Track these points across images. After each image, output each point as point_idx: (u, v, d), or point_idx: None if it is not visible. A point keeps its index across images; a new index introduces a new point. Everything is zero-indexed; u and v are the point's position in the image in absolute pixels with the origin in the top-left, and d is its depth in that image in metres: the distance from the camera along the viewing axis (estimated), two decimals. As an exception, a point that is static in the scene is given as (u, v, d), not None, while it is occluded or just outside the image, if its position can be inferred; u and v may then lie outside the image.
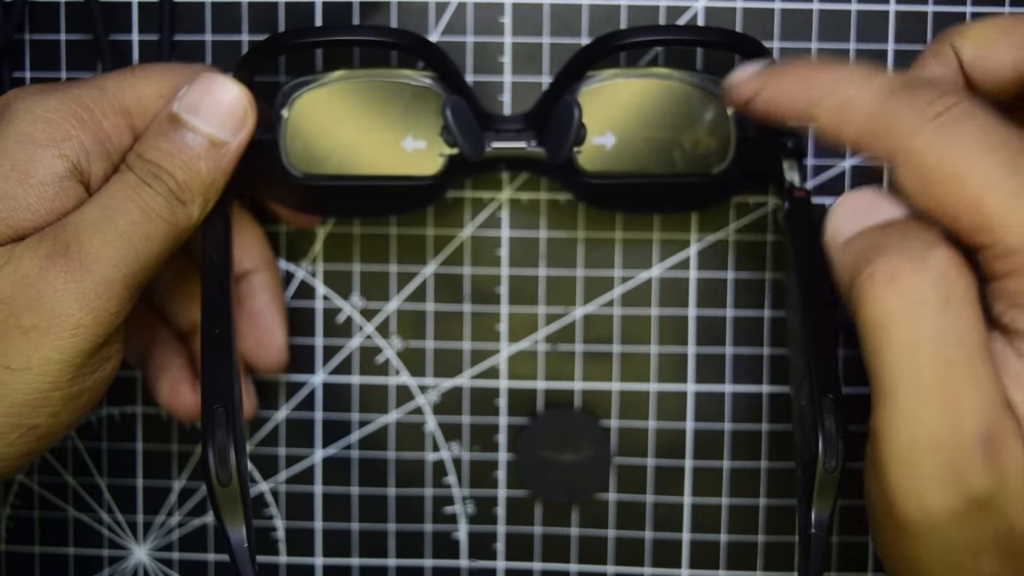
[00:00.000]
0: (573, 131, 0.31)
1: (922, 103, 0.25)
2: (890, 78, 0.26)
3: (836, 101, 0.26)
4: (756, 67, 0.29)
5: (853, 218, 0.26)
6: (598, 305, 0.37)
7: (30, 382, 0.27)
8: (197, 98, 0.29)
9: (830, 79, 0.26)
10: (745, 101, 0.29)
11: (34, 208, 0.28)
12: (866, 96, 0.25)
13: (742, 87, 0.29)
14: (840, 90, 0.26)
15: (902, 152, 0.25)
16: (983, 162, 0.24)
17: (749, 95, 0.28)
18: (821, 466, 0.27)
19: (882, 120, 0.25)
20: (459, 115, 0.31)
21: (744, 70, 0.29)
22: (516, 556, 0.38)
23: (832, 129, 0.26)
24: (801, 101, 0.27)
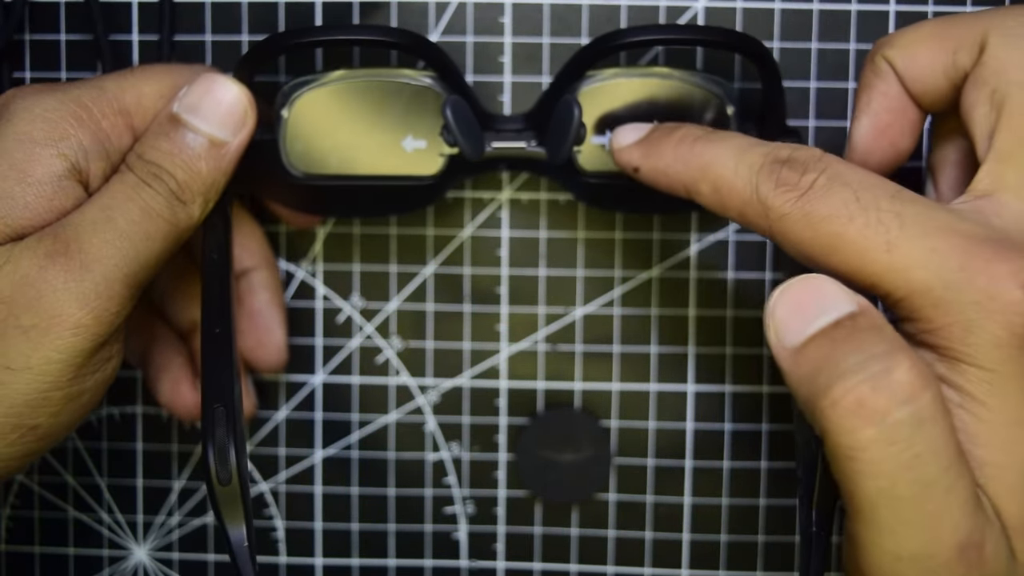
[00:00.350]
0: (573, 131, 0.31)
1: (788, 183, 0.26)
2: (759, 155, 0.27)
3: (711, 184, 0.27)
4: (634, 134, 0.30)
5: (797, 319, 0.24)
6: (598, 305, 0.37)
7: (30, 382, 0.27)
8: (197, 98, 0.29)
9: (703, 160, 0.28)
10: (631, 170, 0.30)
11: (32, 207, 0.28)
12: (738, 179, 0.27)
13: (624, 156, 0.30)
14: (712, 174, 0.27)
15: (779, 234, 0.26)
16: (851, 229, 0.24)
17: (632, 166, 0.30)
18: (822, 466, 0.27)
19: (754, 205, 0.26)
20: (459, 115, 0.31)
21: (623, 136, 0.31)
22: (516, 556, 0.38)
23: (715, 210, 0.28)
24: (678, 183, 0.28)
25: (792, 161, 0.26)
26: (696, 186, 0.28)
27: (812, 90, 0.35)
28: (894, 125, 0.29)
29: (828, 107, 0.35)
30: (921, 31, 0.28)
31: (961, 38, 0.27)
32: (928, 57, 0.28)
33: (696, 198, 0.28)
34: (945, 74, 0.28)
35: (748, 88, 0.35)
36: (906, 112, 0.29)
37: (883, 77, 0.29)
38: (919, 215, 0.24)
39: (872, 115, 0.29)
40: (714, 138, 0.28)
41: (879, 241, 0.24)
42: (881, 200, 0.25)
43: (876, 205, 0.25)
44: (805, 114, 0.35)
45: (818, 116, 0.35)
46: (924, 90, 0.28)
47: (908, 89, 0.29)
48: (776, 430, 0.37)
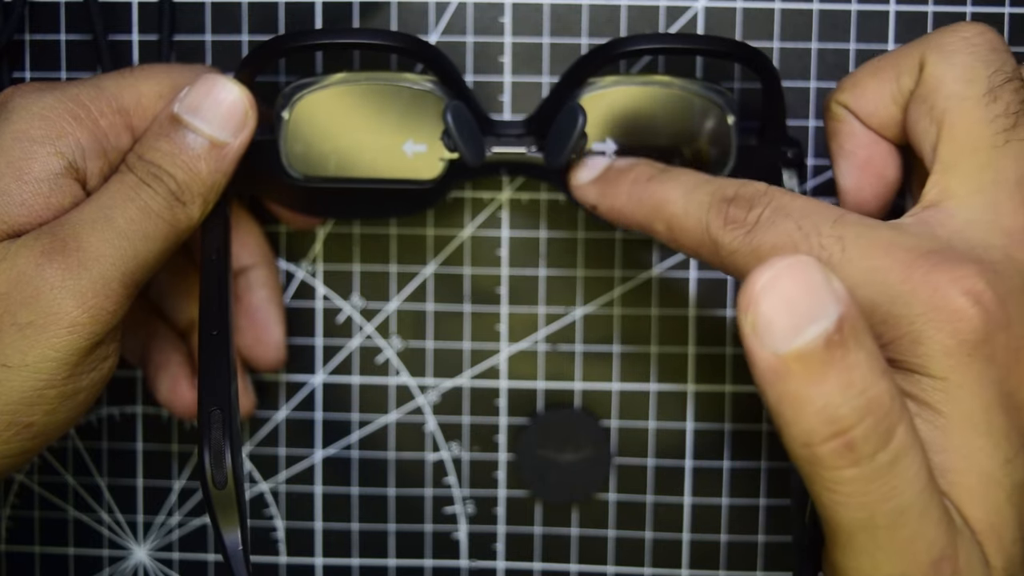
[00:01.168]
0: (575, 139, 0.31)
1: (736, 221, 0.27)
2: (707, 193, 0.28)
3: (665, 224, 0.28)
4: (591, 172, 0.31)
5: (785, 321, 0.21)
6: (598, 305, 0.37)
7: (26, 379, 0.27)
8: (198, 99, 0.30)
9: (654, 200, 0.29)
10: (589, 207, 0.31)
11: (28, 204, 0.28)
12: (689, 219, 0.28)
13: (580, 193, 0.32)
14: (664, 214, 0.28)
15: (732, 269, 0.27)
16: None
17: (590, 204, 0.31)
18: None
19: (706, 243, 0.27)
20: (460, 121, 0.31)
21: (581, 175, 0.32)
22: (516, 556, 0.38)
23: (669, 245, 0.29)
24: (635, 220, 0.30)
25: (738, 198, 0.27)
26: (651, 225, 0.29)
27: (812, 90, 0.35)
28: (873, 159, 0.30)
29: (828, 107, 0.35)
30: (864, 69, 0.30)
31: (901, 64, 0.28)
32: (875, 90, 0.29)
33: (653, 235, 0.29)
34: (894, 101, 0.29)
35: (747, 88, 0.35)
36: (877, 145, 0.30)
37: (843, 120, 0.30)
38: (860, 236, 0.25)
39: (848, 156, 0.30)
40: (665, 178, 0.29)
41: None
42: (822, 226, 0.25)
43: (817, 231, 0.25)
44: (805, 114, 0.35)
45: (818, 116, 0.35)
46: (881, 122, 0.29)
47: (868, 126, 0.30)
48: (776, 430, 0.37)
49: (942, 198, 0.26)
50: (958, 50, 0.27)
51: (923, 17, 0.35)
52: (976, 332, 0.24)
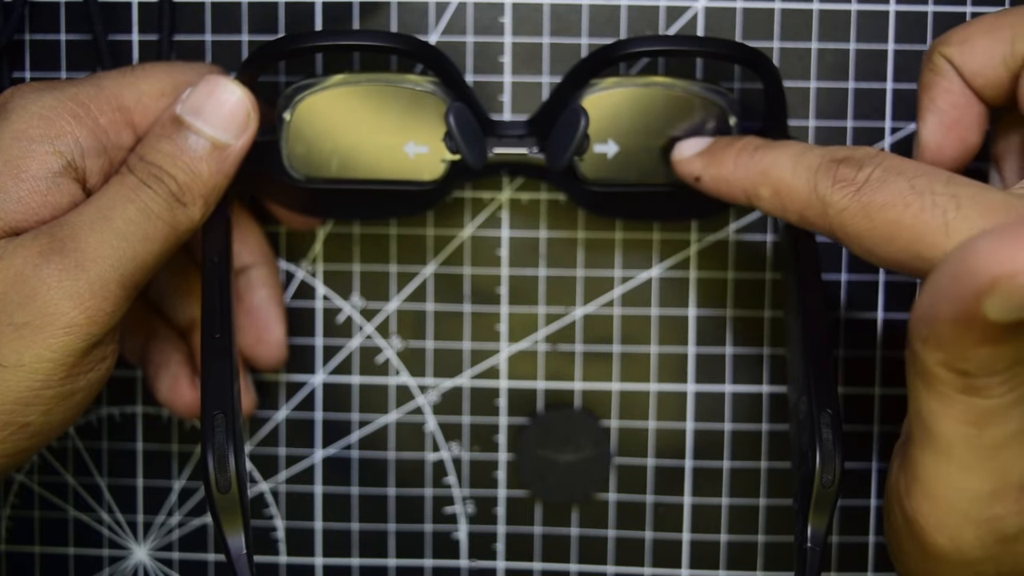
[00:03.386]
0: (576, 140, 0.31)
1: (845, 180, 0.26)
2: (816, 156, 0.27)
3: (771, 188, 0.28)
4: (696, 146, 0.31)
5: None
6: (598, 305, 0.37)
7: (22, 379, 0.27)
8: (200, 100, 0.29)
9: (763, 166, 0.28)
10: (692, 179, 0.31)
11: (25, 201, 0.28)
12: (798, 180, 0.27)
13: (685, 167, 0.31)
14: (772, 178, 0.28)
15: (839, 229, 0.27)
16: (908, 214, 0.25)
17: (694, 175, 0.31)
18: (818, 481, 0.27)
19: (814, 204, 0.27)
20: (462, 123, 0.31)
21: (685, 148, 0.31)
22: (516, 556, 0.38)
23: (775, 213, 0.29)
24: (739, 189, 0.29)
25: (848, 159, 0.27)
26: (756, 191, 0.29)
27: (812, 90, 0.35)
28: (961, 120, 0.29)
29: (828, 107, 0.35)
30: (977, 25, 0.28)
31: (1017, 26, 0.27)
32: (986, 50, 0.28)
33: (756, 203, 0.29)
34: (1005, 64, 0.28)
35: (748, 88, 0.35)
36: (971, 107, 0.29)
37: (943, 74, 0.29)
38: (975, 196, 0.25)
39: (938, 112, 0.29)
40: (772, 146, 0.29)
41: (937, 224, 0.25)
42: (936, 184, 0.25)
43: (931, 189, 0.25)
44: (805, 114, 0.35)
45: (818, 116, 0.35)
46: (986, 83, 0.28)
47: (969, 84, 0.29)
48: (776, 430, 0.37)
49: None
50: None
51: (923, 17, 0.35)
52: None
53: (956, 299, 0.20)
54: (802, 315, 0.30)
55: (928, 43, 0.35)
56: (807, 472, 0.28)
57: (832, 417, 0.28)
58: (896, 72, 0.35)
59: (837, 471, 0.27)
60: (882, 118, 0.35)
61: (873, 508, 0.37)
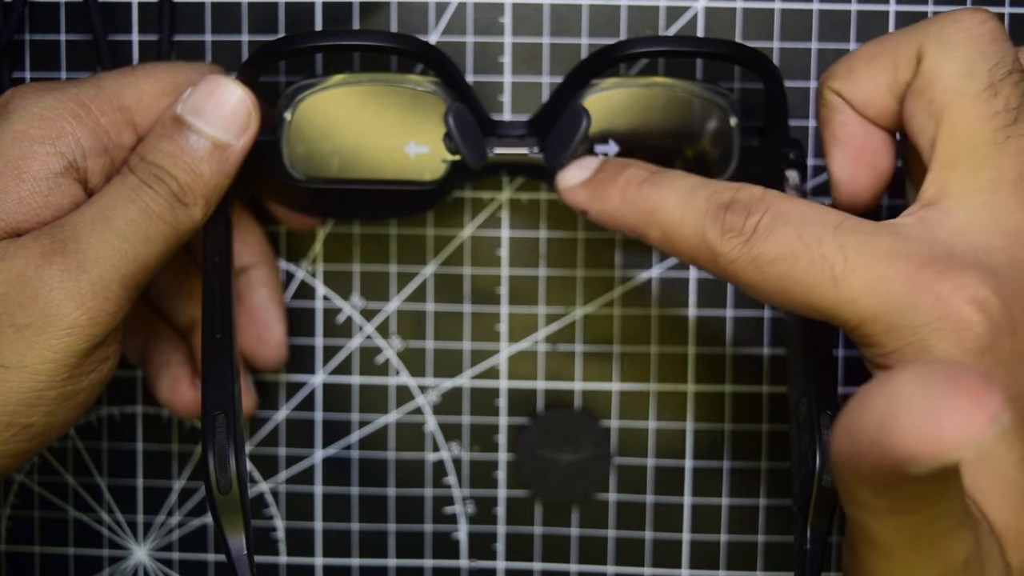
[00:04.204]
0: (577, 140, 0.31)
1: (733, 229, 0.26)
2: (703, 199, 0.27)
3: (660, 230, 0.27)
4: (580, 174, 0.30)
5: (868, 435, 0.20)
6: (598, 305, 0.37)
7: (24, 380, 0.27)
8: (201, 100, 0.29)
9: (648, 205, 0.28)
10: (580, 212, 0.30)
11: (26, 202, 0.28)
12: (686, 226, 0.27)
13: (569, 197, 0.30)
14: (661, 219, 0.27)
15: (730, 276, 0.26)
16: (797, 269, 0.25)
17: (580, 208, 0.30)
18: (818, 483, 0.27)
19: (704, 250, 0.26)
20: (461, 123, 0.31)
21: (569, 176, 0.30)
22: (516, 556, 0.38)
23: (664, 251, 0.28)
24: (629, 225, 0.28)
25: (735, 204, 0.26)
26: (645, 231, 0.28)
27: (812, 90, 0.35)
28: (865, 148, 0.29)
29: (828, 107, 0.35)
30: (859, 55, 0.29)
31: (898, 54, 0.28)
32: (870, 79, 0.28)
33: (646, 241, 0.28)
34: (890, 91, 0.28)
35: (748, 89, 0.35)
36: (871, 135, 0.29)
37: (836, 108, 0.29)
38: (862, 244, 0.25)
39: (841, 146, 0.29)
40: (658, 180, 0.28)
41: (825, 277, 0.25)
42: (823, 235, 0.25)
43: (819, 241, 0.25)
44: (805, 114, 0.35)
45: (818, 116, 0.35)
46: (876, 112, 0.28)
47: (862, 114, 0.29)
48: (776, 430, 0.37)
49: (940, 196, 0.26)
50: (958, 42, 0.26)
51: (923, 17, 0.35)
52: (980, 339, 0.24)
53: (877, 460, 0.20)
54: (801, 315, 0.30)
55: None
56: (807, 473, 0.28)
57: (832, 418, 0.28)
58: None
59: None
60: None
61: (873, 508, 0.37)
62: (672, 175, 0.28)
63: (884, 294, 0.24)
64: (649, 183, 0.28)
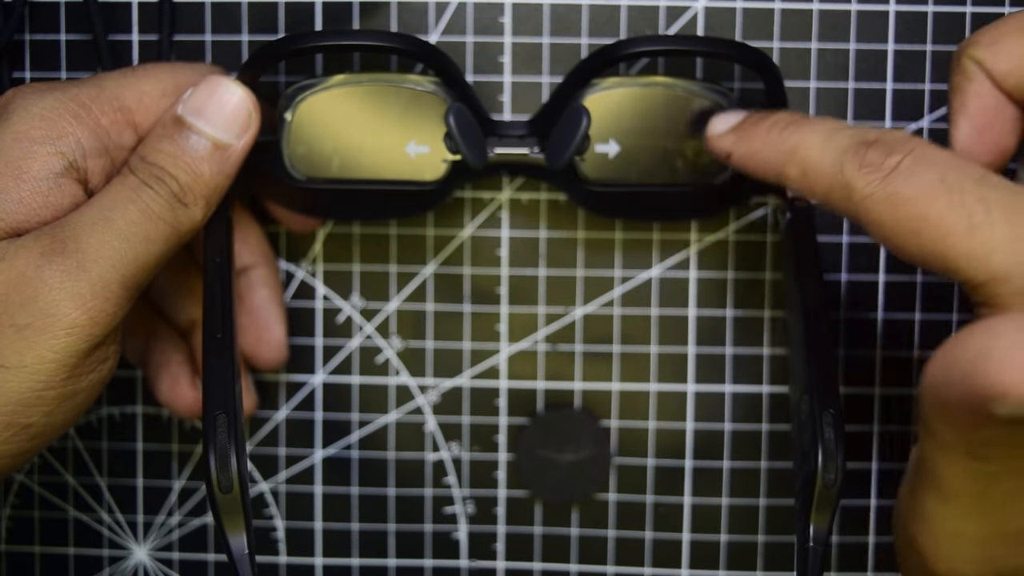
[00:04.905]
0: (578, 140, 0.31)
1: (873, 164, 0.25)
2: (847, 137, 0.27)
3: (799, 167, 0.27)
4: (728, 121, 0.30)
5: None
6: (598, 305, 0.37)
7: (24, 380, 0.27)
8: (202, 101, 0.29)
9: (792, 143, 0.28)
10: (724, 156, 0.30)
11: (27, 202, 0.28)
12: (824, 161, 0.27)
13: (717, 143, 0.30)
14: (801, 156, 0.27)
15: (863, 215, 0.26)
16: (935, 210, 0.24)
17: (725, 151, 0.30)
18: (820, 481, 0.27)
19: (840, 185, 0.26)
20: (462, 123, 0.31)
21: (718, 124, 0.31)
22: (516, 556, 0.38)
23: (801, 191, 0.28)
24: (769, 165, 0.28)
25: (879, 143, 0.26)
26: (784, 170, 0.28)
27: (812, 90, 0.35)
28: (994, 124, 0.28)
29: (828, 107, 0.35)
30: (1005, 26, 0.28)
31: None
32: (1015, 51, 0.27)
33: (785, 182, 0.28)
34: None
35: (748, 88, 0.35)
36: (1003, 110, 0.28)
37: (973, 78, 0.28)
38: (1005, 200, 0.24)
39: (969, 117, 0.28)
40: (804, 123, 0.28)
41: (961, 224, 0.24)
42: (966, 183, 0.24)
43: (960, 187, 0.24)
44: (805, 114, 0.35)
45: (818, 116, 0.35)
46: (1017, 84, 0.28)
47: (1000, 86, 0.28)
48: (776, 430, 0.37)
49: None
50: None
51: (923, 17, 0.35)
52: None
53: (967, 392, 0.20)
54: (803, 315, 0.30)
55: (928, 43, 0.35)
56: (809, 471, 0.28)
57: (834, 417, 0.28)
58: (896, 72, 0.35)
59: (839, 470, 0.27)
60: (882, 118, 0.35)
61: (873, 508, 0.37)
62: (818, 119, 0.28)
63: (1020, 254, 0.23)
64: (795, 124, 0.28)
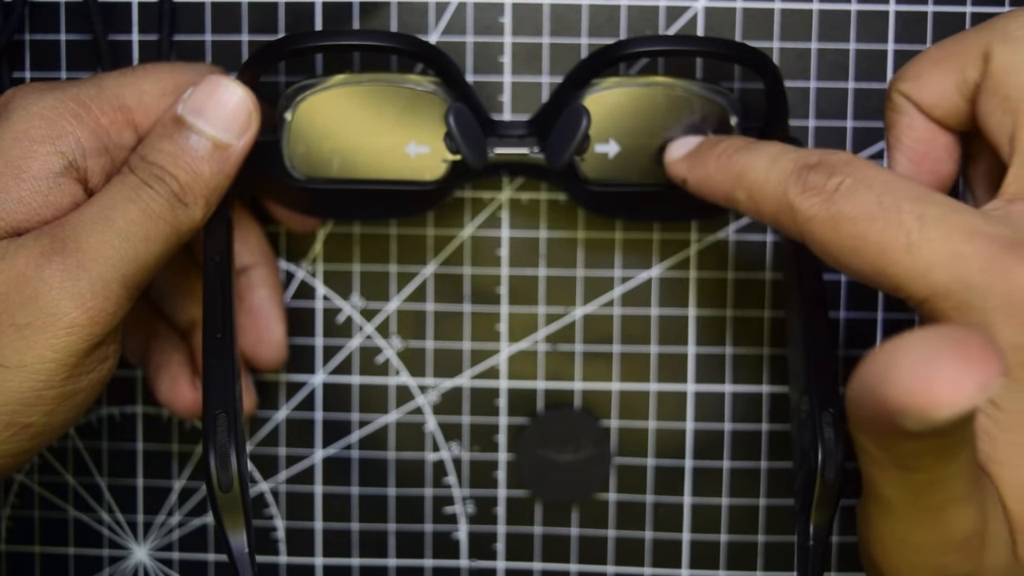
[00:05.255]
0: (577, 139, 0.31)
1: (815, 187, 0.26)
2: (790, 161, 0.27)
3: (746, 191, 0.28)
4: (684, 147, 0.31)
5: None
6: (598, 305, 0.37)
7: (24, 380, 0.27)
8: (202, 100, 0.29)
9: (739, 168, 0.28)
10: (680, 182, 0.31)
11: (26, 201, 0.28)
12: (769, 184, 0.27)
13: (672, 169, 0.32)
14: (749, 180, 0.28)
15: (808, 236, 0.26)
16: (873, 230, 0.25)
17: (680, 178, 0.31)
18: (820, 480, 0.27)
19: (785, 207, 0.27)
20: (462, 123, 0.31)
21: (674, 150, 0.32)
22: (516, 556, 0.38)
23: (751, 215, 0.28)
24: (720, 191, 0.29)
25: (820, 165, 0.26)
26: (733, 194, 0.29)
27: (812, 90, 0.35)
28: (929, 154, 0.29)
29: (828, 107, 0.35)
30: (926, 58, 0.29)
31: (965, 54, 0.28)
32: (939, 81, 0.28)
33: (735, 206, 0.29)
34: (959, 92, 0.28)
35: (748, 88, 0.35)
36: (936, 139, 0.29)
37: (903, 111, 0.29)
38: (942, 216, 0.24)
39: (904, 150, 0.29)
40: (751, 147, 0.29)
41: (900, 242, 0.24)
42: (903, 202, 0.25)
43: (898, 207, 0.25)
44: (805, 114, 0.35)
45: (818, 116, 0.35)
46: (944, 113, 0.28)
47: (929, 116, 0.29)
48: (776, 430, 0.37)
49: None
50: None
51: (923, 17, 0.35)
52: None
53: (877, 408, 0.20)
54: (803, 314, 0.30)
55: (928, 43, 0.35)
56: (809, 471, 0.28)
57: (834, 416, 0.28)
58: (896, 72, 0.35)
59: (839, 470, 0.27)
60: (882, 118, 0.35)
61: (873, 508, 0.37)
62: (764, 143, 0.29)
63: (958, 269, 0.24)
64: (743, 150, 0.29)
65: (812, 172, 0.26)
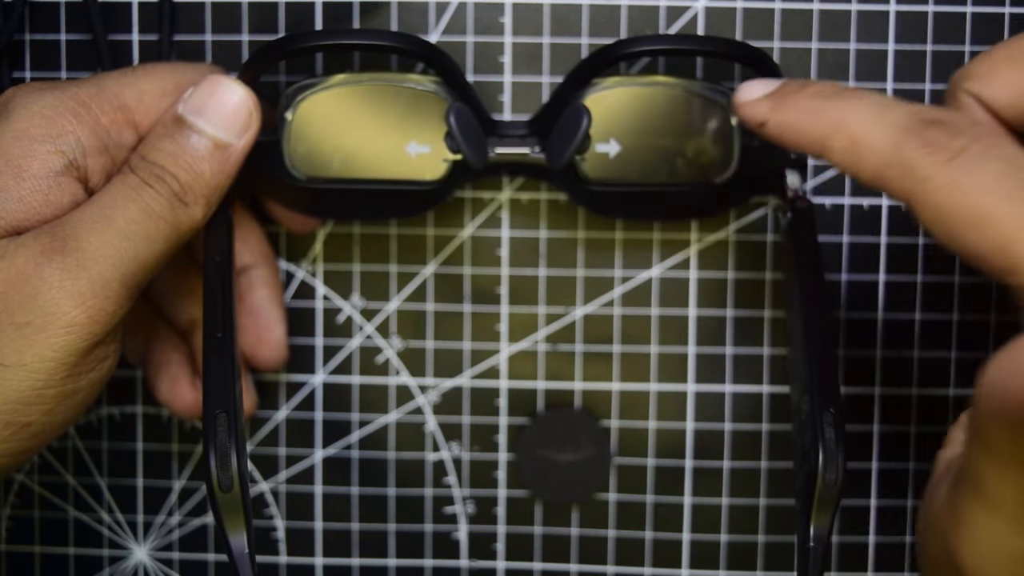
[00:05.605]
0: (578, 139, 0.31)
1: (936, 145, 0.24)
2: (904, 113, 0.25)
3: (848, 139, 0.25)
4: (764, 87, 0.28)
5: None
6: (598, 305, 0.37)
7: (23, 379, 0.27)
8: (202, 100, 0.29)
9: (840, 113, 0.26)
10: (756, 125, 0.28)
11: (27, 200, 0.28)
12: (879, 136, 0.25)
13: (750, 109, 0.28)
14: (852, 127, 0.25)
15: (919, 198, 0.24)
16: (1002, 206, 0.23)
17: (759, 120, 0.28)
18: (821, 480, 0.27)
19: (896, 163, 0.24)
20: (462, 122, 0.31)
21: (751, 89, 0.29)
22: (516, 556, 0.38)
23: (846, 168, 0.26)
24: (811, 136, 0.26)
25: (941, 122, 0.24)
26: (828, 142, 0.26)
27: (812, 90, 0.35)
28: None
29: (828, 107, 0.35)
30: (998, 54, 0.27)
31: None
32: (1010, 80, 0.27)
33: (826, 155, 0.26)
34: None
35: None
36: None
37: (970, 110, 0.27)
38: None
39: None
40: (851, 94, 0.26)
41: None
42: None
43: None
44: (805, 114, 0.35)
45: (818, 116, 0.35)
46: (1017, 113, 0.27)
47: (998, 116, 0.27)
48: (776, 430, 0.37)
49: None
50: None
51: (923, 17, 0.35)
52: None
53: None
54: (804, 315, 0.30)
55: (928, 43, 0.35)
56: (809, 471, 0.28)
57: (834, 417, 0.28)
58: (896, 72, 0.35)
59: (840, 470, 0.27)
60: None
61: (873, 508, 0.37)
62: (864, 91, 0.26)
63: None
64: (841, 95, 0.26)
65: (932, 128, 0.24)
